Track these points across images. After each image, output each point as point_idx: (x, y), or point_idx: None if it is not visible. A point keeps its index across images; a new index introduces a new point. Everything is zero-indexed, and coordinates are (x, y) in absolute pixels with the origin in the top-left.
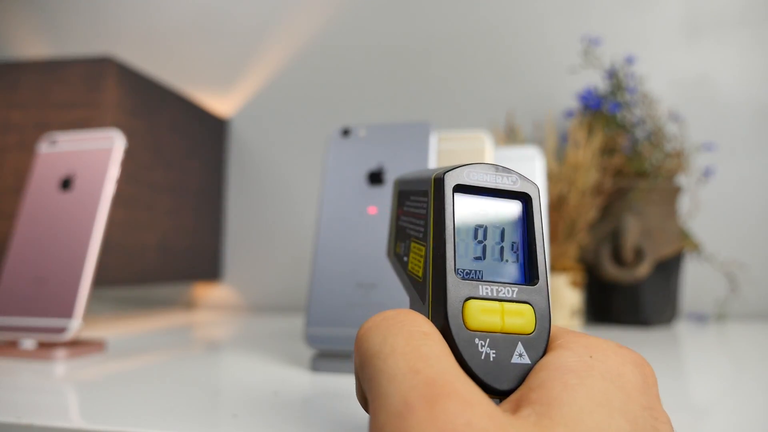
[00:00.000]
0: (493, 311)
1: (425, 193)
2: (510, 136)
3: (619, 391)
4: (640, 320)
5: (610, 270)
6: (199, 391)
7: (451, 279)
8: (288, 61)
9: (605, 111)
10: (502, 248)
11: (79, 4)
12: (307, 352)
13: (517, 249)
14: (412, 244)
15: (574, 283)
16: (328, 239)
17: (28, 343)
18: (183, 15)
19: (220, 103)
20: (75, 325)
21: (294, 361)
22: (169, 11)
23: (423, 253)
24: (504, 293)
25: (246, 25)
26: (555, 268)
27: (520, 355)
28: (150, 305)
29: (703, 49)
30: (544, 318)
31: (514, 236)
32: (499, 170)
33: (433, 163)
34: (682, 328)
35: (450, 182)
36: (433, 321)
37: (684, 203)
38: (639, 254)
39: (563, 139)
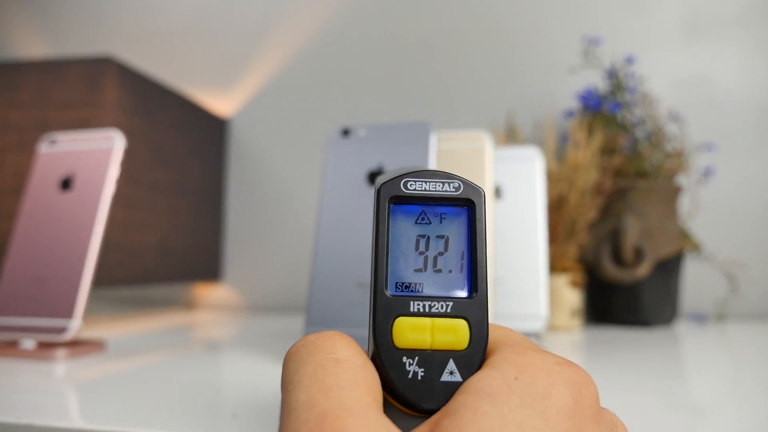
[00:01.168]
0: (422, 328)
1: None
2: (510, 136)
3: (539, 417)
4: (640, 320)
5: (610, 270)
6: (199, 391)
7: (381, 297)
8: (288, 62)
9: (605, 111)
10: (445, 258)
11: (79, 4)
12: None
13: (462, 258)
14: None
15: (574, 283)
16: (328, 239)
17: (28, 343)
18: (183, 15)
19: (220, 103)
20: (75, 325)
21: None
22: (169, 11)
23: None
24: (437, 308)
25: (246, 25)
26: (555, 268)
27: (451, 373)
28: (150, 305)
29: (703, 49)
30: (480, 333)
31: (458, 245)
32: (439, 176)
33: (433, 163)
34: (682, 328)
35: (385, 194)
36: (372, 339)
37: (684, 203)
38: (639, 254)
39: (563, 139)
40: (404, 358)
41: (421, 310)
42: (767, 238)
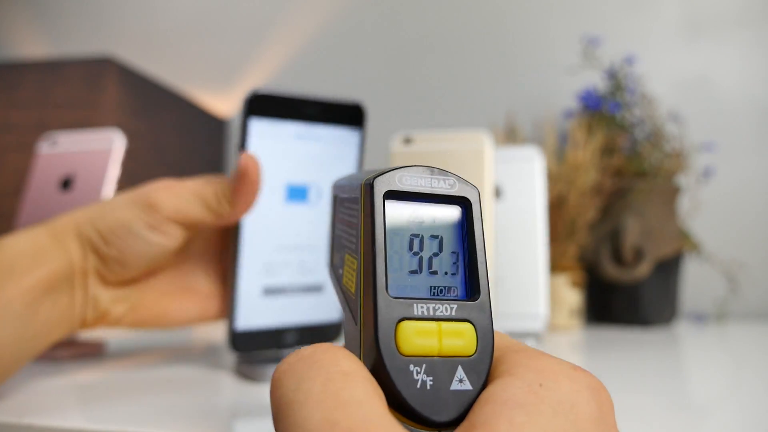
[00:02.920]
0: (429, 333)
1: (356, 201)
2: (510, 136)
3: (571, 426)
4: (640, 320)
5: (610, 270)
6: (199, 392)
7: (382, 298)
8: (287, 62)
9: (605, 111)
10: (440, 259)
11: (79, 4)
12: None
13: (457, 259)
14: (346, 256)
15: (574, 283)
16: None
17: None
18: (183, 15)
19: (220, 103)
20: None
21: None
22: (169, 11)
23: (355, 267)
24: (441, 311)
25: (246, 25)
26: (555, 268)
27: (461, 381)
28: None
29: (703, 49)
30: (486, 337)
31: (453, 245)
32: (434, 173)
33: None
34: (681, 328)
35: (380, 188)
36: (364, 346)
37: (684, 203)
38: (639, 254)
39: (563, 139)
40: (411, 366)
41: (426, 313)
42: (767, 238)
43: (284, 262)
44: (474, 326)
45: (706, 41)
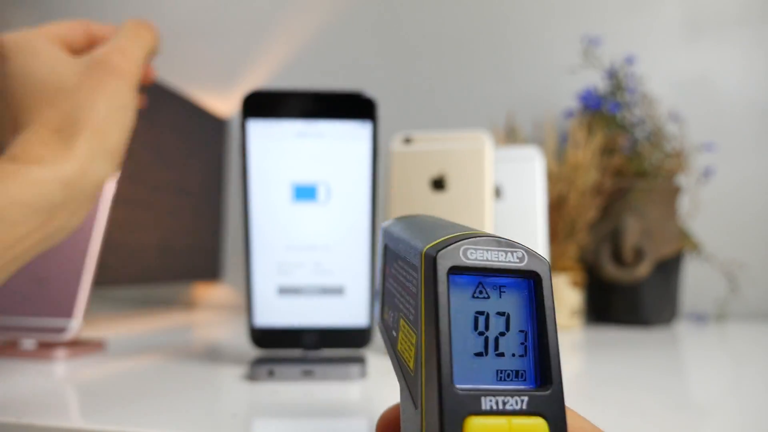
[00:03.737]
0: (498, 430)
1: (414, 268)
2: (510, 136)
3: None
4: (640, 320)
5: (610, 270)
6: (199, 391)
7: (448, 391)
8: (287, 62)
9: (605, 111)
10: (507, 339)
11: (80, 4)
12: None
13: (526, 339)
14: (402, 322)
15: (574, 283)
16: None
17: (28, 343)
18: (183, 15)
19: (220, 103)
20: (75, 325)
21: None
22: (170, 11)
23: (414, 342)
24: (512, 404)
25: (246, 25)
26: (555, 268)
27: None
28: (150, 305)
29: (703, 49)
30: None
31: (521, 324)
32: (502, 245)
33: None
34: (682, 328)
35: (444, 264)
36: None
37: (684, 203)
38: (639, 254)
39: (563, 139)
40: None
41: (495, 407)
42: (767, 238)
43: (298, 263)
44: (547, 421)
45: (706, 41)
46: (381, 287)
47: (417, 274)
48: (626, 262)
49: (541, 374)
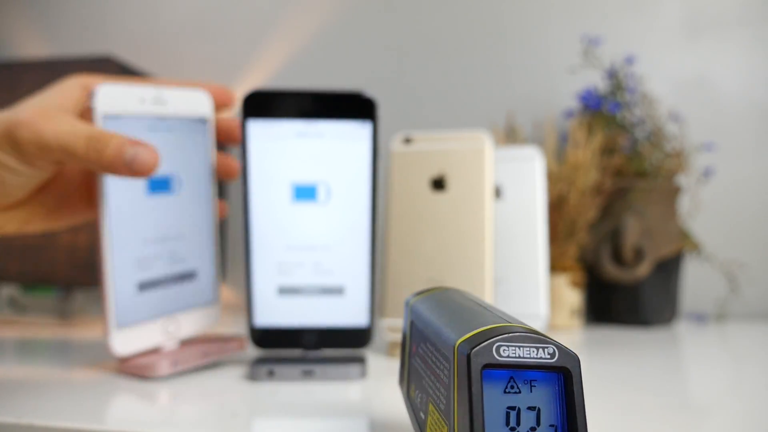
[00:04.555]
0: None
1: (446, 358)
2: (510, 136)
3: None
4: (640, 320)
5: (610, 270)
6: (199, 391)
7: None
8: (287, 62)
9: (605, 111)
10: None
11: (79, 4)
12: None
13: None
14: (431, 407)
15: (574, 283)
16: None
17: None
18: (183, 15)
19: None
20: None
21: None
22: (169, 11)
23: None
24: None
25: (246, 25)
26: (555, 268)
27: None
28: None
29: (703, 49)
30: None
31: (552, 418)
32: (534, 341)
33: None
34: (682, 328)
35: (478, 362)
36: None
37: (684, 203)
38: (639, 254)
39: (563, 139)
40: None
41: None
42: (767, 238)
43: (298, 263)
44: None
45: (706, 41)
46: (406, 362)
47: (449, 365)
48: (626, 262)
49: None
